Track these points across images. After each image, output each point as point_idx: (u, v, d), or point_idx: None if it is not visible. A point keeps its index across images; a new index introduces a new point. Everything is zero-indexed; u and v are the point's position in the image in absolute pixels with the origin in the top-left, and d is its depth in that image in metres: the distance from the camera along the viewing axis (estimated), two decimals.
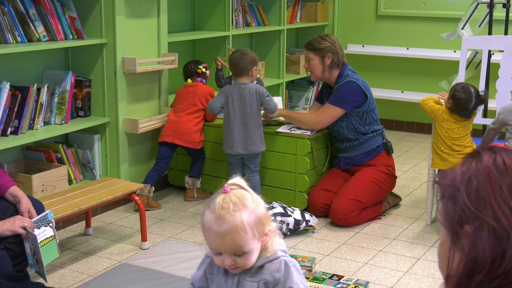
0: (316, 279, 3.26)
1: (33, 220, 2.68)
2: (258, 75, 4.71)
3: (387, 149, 4.23)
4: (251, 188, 4.70)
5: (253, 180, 4.21)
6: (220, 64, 4.59)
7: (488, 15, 4.89)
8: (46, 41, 3.80)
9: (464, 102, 3.72)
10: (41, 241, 2.70)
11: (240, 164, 4.23)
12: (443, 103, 3.87)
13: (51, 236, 2.71)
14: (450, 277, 1.08)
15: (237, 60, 4.12)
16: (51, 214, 2.74)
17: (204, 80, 4.53)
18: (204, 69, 4.53)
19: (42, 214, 2.74)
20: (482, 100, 3.77)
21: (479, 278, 1.03)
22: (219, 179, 4.48)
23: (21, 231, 2.62)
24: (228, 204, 1.66)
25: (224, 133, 4.18)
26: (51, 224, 2.71)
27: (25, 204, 2.75)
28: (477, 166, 1.08)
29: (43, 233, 2.68)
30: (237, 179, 1.77)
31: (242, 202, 1.70)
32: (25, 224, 2.63)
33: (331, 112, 4.11)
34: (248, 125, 4.10)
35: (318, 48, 4.16)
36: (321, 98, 4.37)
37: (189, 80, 4.52)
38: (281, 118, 4.36)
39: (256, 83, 4.45)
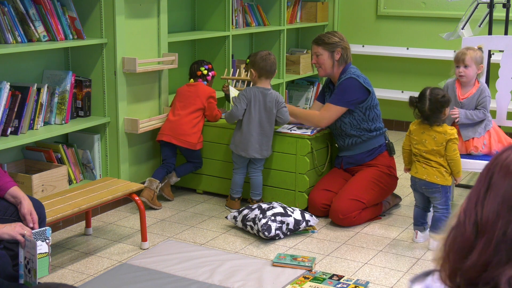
0: (316, 279, 3.26)
1: (32, 232, 2.66)
2: None
3: (389, 150, 4.22)
4: (253, 187, 4.66)
5: (256, 180, 4.21)
6: (227, 89, 4.50)
7: (488, 15, 4.89)
8: (46, 41, 3.79)
9: (420, 105, 3.57)
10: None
11: (245, 164, 4.24)
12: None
13: (45, 252, 2.67)
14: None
15: (271, 62, 4.13)
16: (49, 231, 2.72)
17: (205, 82, 4.53)
18: (205, 71, 4.53)
19: (41, 229, 2.71)
20: (437, 101, 3.52)
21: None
22: (220, 179, 4.48)
23: (20, 237, 2.60)
24: None
25: (239, 135, 4.15)
26: (47, 241, 2.69)
27: (27, 206, 2.74)
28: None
29: (39, 247, 2.66)
30: None
31: None
32: (25, 232, 2.62)
33: (335, 110, 4.11)
34: (265, 131, 4.11)
35: (328, 43, 4.15)
36: (322, 98, 4.36)
37: (192, 80, 4.53)
38: None
39: None
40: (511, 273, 1.01)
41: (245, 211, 3.88)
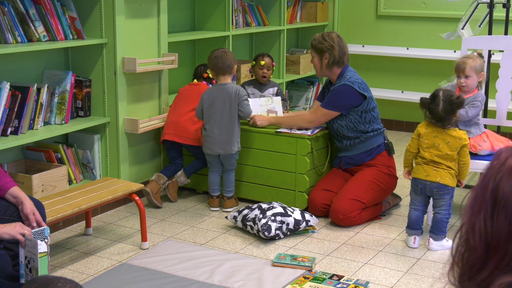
0: (316, 279, 3.26)
1: (32, 231, 2.66)
2: (271, 77, 4.86)
3: (389, 149, 4.22)
4: (225, 184, 4.67)
5: (228, 178, 4.26)
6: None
7: (488, 15, 4.89)
8: (46, 41, 3.79)
9: (432, 107, 3.53)
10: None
11: (218, 162, 4.28)
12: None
13: (45, 252, 2.68)
14: None
15: (223, 59, 4.18)
16: (48, 230, 2.72)
17: (210, 85, 4.53)
18: (211, 75, 4.54)
19: (40, 228, 2.71)
20: (452, 102, 3.48)
21: None
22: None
23: (20, 237, 2.60)
24: None
25: (204, 133, 4.20)
26: (46, 240, 2.69)
27: (29, 206, 2.74)
28: None
29: (39, 247, 2.66)
30: None
31: None
32: (25, 231, 2.62)
33: (325, 113, 4.15)
34: (227, 126, 4.14)
35: (317, 48, 4.21)
36: (322, 98, 4.37)
37: (195, 81, 4.55)
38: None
39: (278, 90, 4.68)
40: (508, 281, 0.99)
41: (245, 211, 3.88)
